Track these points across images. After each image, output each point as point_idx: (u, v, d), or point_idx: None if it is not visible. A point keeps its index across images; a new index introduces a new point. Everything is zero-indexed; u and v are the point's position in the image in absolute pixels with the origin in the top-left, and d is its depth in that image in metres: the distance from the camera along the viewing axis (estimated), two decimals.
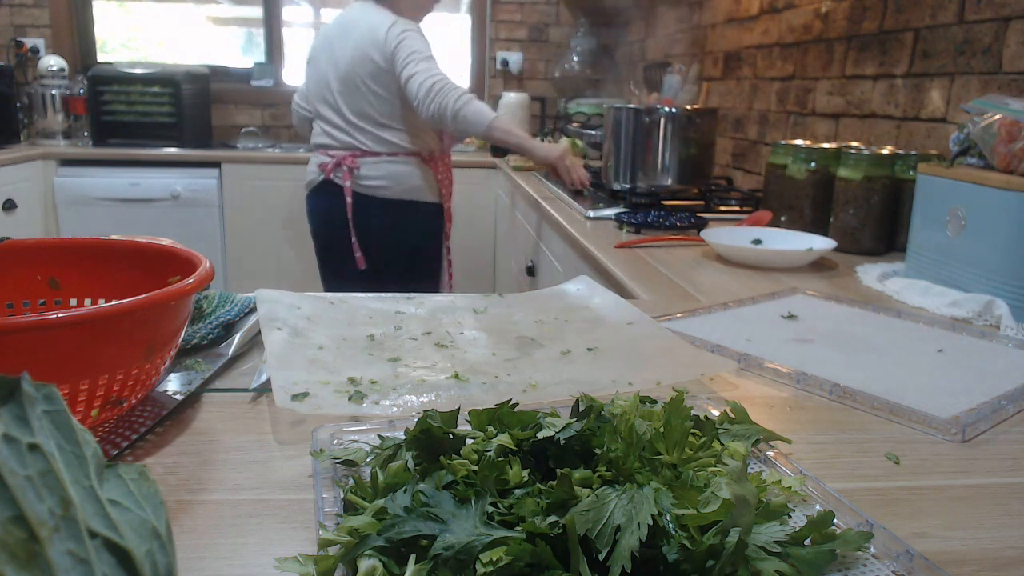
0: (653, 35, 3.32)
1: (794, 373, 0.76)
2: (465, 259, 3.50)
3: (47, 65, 3.42)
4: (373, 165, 2.19)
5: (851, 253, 1.41)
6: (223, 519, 0.49)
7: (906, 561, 0.45)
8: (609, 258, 1.35)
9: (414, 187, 2.24)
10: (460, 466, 0.46)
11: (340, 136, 2.21)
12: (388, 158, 2.20)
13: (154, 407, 0.64)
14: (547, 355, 0.77)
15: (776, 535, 0.41)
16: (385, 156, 2.20)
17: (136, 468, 0.33)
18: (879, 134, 1.69)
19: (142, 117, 3.37)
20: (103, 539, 0.29)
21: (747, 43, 2.35)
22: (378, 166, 2.20)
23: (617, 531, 0.39)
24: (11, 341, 0.50)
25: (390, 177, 2.21)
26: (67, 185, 3.21)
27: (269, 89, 3.79)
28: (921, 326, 0.95)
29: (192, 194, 3.27)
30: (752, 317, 0.97)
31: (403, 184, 2.22)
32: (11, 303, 0.70)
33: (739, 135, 2.41)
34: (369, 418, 0.61)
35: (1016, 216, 0.98)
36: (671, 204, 1.88)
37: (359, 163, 2.19)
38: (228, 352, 0.77)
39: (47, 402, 0.30)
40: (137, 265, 0.71)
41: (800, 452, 0.61)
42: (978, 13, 1.39)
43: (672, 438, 0.49)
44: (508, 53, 3.97)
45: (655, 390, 0.67)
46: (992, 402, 0.71)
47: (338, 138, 2.21)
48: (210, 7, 4.03)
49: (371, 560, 0.39)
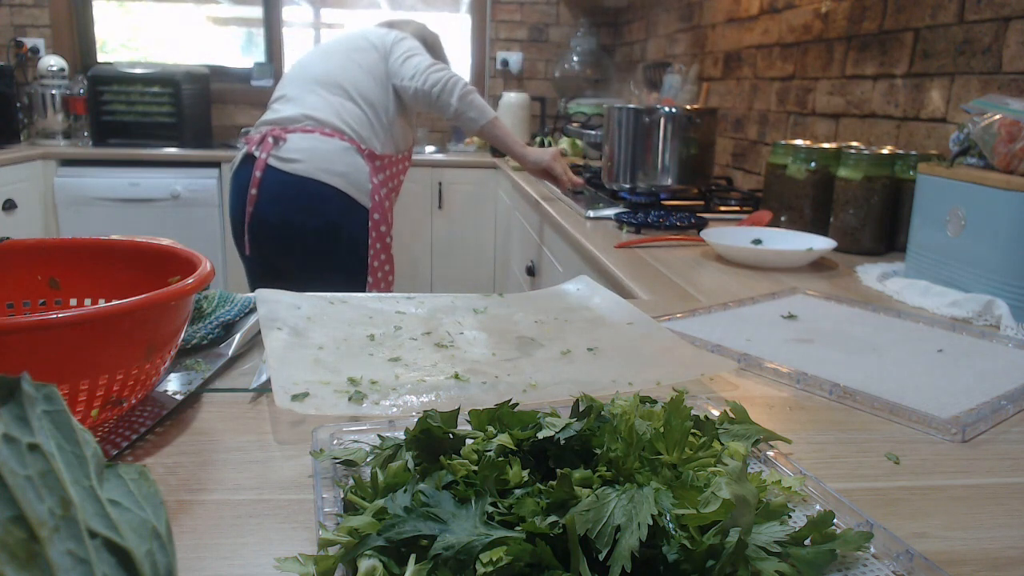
0: (653, 35, 3.32)
1: (794, 373, 0.76)
2: (465, 259, 3.51)
3: (47, 65, 3.42)
4: (301, 139, 1.89)
5: (851, 253, 1.41)
6: (223, 519, 0.49)
7: (906, 561, 0.45)
8: (609, 258, 1.35)
9: (340, 172, 1.90)
10: (460, 466, 0.46)
11: (283, 108, 1.97)
12: (322, 136, 1.90)
13: (154, 407, 0.64)
14: (547, 355, 0.77)
15: (776, 535, 0.41)
16: (319, 133, 1.90)
17: (136, 468, 0.33)
18: (879, 134, 1.69)
19: (142, 117, 3.37)
20: (103, 539, 0.29)
21: (747, 43, 2.35)
22: (305, 140, 1.89)
23: (617, 531, 0.39)
24: (11, 341, 0.50)
25: (310, 151, 1.88)
26: (67, 185, 3.21)
27: (269, 89, 3.78)
28: (921, 326, 0.95)
29: (192, 194, 3.27)
30: (752, 317, 0.97)
31: (324, 164, 1.89)
32: (11, 303, 0.70)
33: (739, 135, 2.41)
34: (369, 418, 0.61)
35: (1016, 216, 0.98)
36: (671, 204, 1.88)
37: (286, 136, 1.90)
38: (228, 352, 0.77)
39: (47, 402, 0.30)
40: (137, 265, 0.71)
41: (800, 452, 0.61)
42: (978, 13, 1.39)
43: (672, 438, 0.49)
44: (508, 53, 3.97)
45: (655, 390, 0.67)
46: (992, 402, 0.71)
47: (279, 110, 1.97)
48: (210, 7, 4.03)
49: (371, 560, 0.39)
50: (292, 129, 1.91)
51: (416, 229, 3.45)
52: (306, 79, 2.00)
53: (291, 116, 1.94)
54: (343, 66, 1.98)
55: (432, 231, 3.46)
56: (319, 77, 1.98)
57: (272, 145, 1.88)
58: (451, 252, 3.50)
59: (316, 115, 1.92)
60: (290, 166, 1.87)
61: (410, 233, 3.44)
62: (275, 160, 1.88)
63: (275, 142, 1.89)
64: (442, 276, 3.50)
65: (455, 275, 3.52)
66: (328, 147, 1.90)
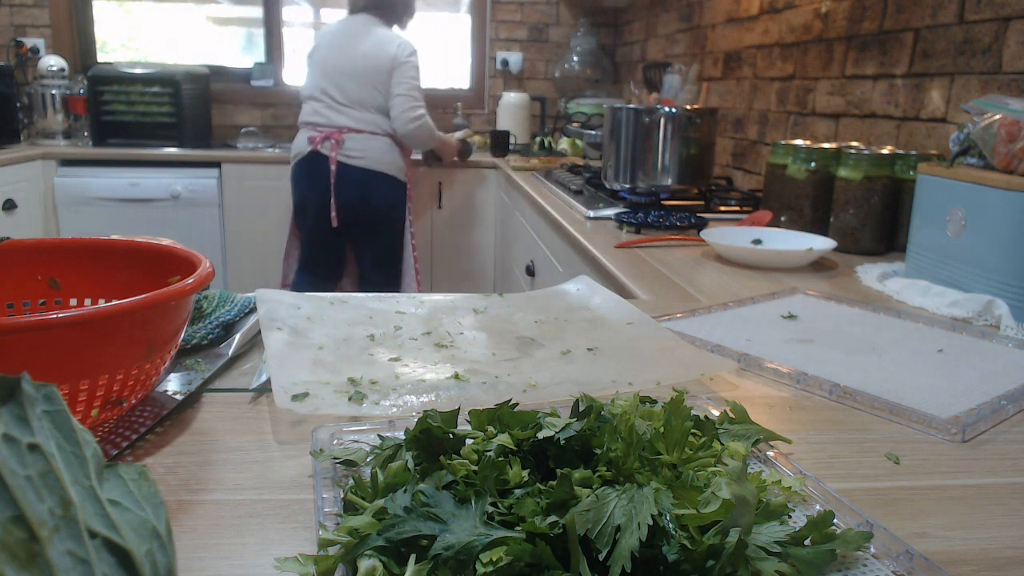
0: (653, 35, 3.32)
1: (794, 373, 0.76)
2: (465, 259, 3.50)
3: (47, 65, 3.41)
4: (356, 140, 2.68)
5: (851, 253, 1.41)
6: (223, 519, 0.49)
7: (906, 561, 0.45)
8: (609, 258, 1.35)
9: (388, 162, 2.73)
10: (460, 466, 0.46)
11: (331, 115, 2.69)
12: (368, 136, 2.70)
13: (154, 407, 0.64)
14: (547, 355, 0.77)
15: (776, 535, 0.41)
16: (366, 134, 2.69)
17: (136, 468, 0.33)
18: (879, 134, 1.69)
19: (142, 117, 3.37)
20: (103, 539, 0.29)
21: (747, 43, 2.35)
22: (360, 141, 2.69)
23: (617, 531, 0.39)
24: (11, 341, 0.50)
25: (367, 150, 2.69)
26: (67, 185, 3.21)
27: (269, 89, 3.79)
28: (921, 326, 0.95)
29: (192, 194, 3.27)
30: (752, 317, 0.97)
31: (378, 158, 2.71)
32: (11, 303, 0.70)
33: (739, 135, 2.41)
34: (369, 418, 0.61)
35: (1016, 216, 0.98)
36: (671, 204, 1.88)
37: (344, 138, 2.67)
38: (228, 352, 0.77)
39: (47, 402, 0.30)
40: (137, 265, 0.71)
41: (800, 452, 0.61)
42: (978, 13, 1.39)
43: (672, 438, 0.49)
44: (508, 53, 3.97)
45: (655, 390, 0.67)
46: (992, 402, 0.71)
47: (329, 117, 2.69)
48: (210, 7, 4.03)
49: (371, 560, 0.39)
50: (344, 131, 2.69)
51: (416, 229, 3.44)
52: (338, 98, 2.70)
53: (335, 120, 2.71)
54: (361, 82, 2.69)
55: (432, 231, 3.46)
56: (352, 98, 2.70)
57: (336, 146, 2.68)
58: (451, 252, 3.50)
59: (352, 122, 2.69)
60: (357, 162, 2.69)
61: None
62: (343, 157, 2.68)
63: (337, 144, 2.68)
64: (442, 276, 3.50)
65: (455, 275, 3.51)
66: (376, 144, 2.71)
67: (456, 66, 4.04)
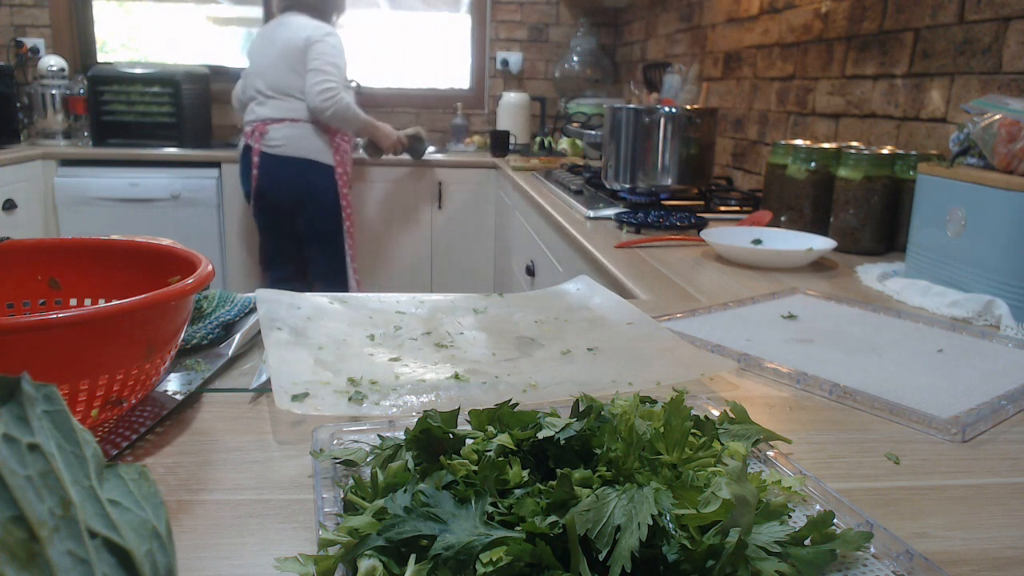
0: (653, 35, 3.32)
1: (794, 373, 0.76)
2: (465, 259, 3.50)
3: (47, 65, 3.41)
4: (277, 129, 2.77)
5: (851, 253, 1.41)
6: (223, 519, 0.49)
7: (906, 561, 0.45)
8: (609, 258, 1.35)
9: (308, 147, 2.79)
10: (460, 466, 0.46)
11: (259, 110, 2.80)
12: (290, 123, 2.77)
13: (154, 407, 0.64)
14: (547, 355, 0.77)
15: (776, 535, 0.41)
16: (287, 121, 2.77)
17: (136, 468, 0.33)
18: (879, 134, 1.69)
19: (142, 117, 3.37)
20: (103, 539, 0.29)
21: (747, 43, 2.35)
22: (280, 130, 2.77)
23: (617, 531, 0.39)
24: (11, 341, 0.50)
25: (287, 138, 2.77)
26: (67, 185, 3.21)
27: None
28: (921, 326, 0.95)
29: (192, 194, 3.27)
30: (752, 317, 0.97)
31: (297, 144, 2.77)
32: (11, 303, 0.70)
33: (739, 135, 2.41)
34: (369, 418, 0.61)
35: (1016, 216, 0.98)
36: (671, 204, 1.88)
37: (268, 128, 2.77)
38: (228, 352, 0.77)
39: (47, 402, 0.30)
40: (137, 265, 0.71)
41: (800, 452, 0.61)
42: (978, 13, 1.39)
43: (672, 438, 0.49)
44: (508, 53, 3.97)
45: (655, 390, 0.67)
46: (992, 402, 0.71)
47: (257, 112, 2.80)
48: (210, 7, 4.03)
49: (371, 560, 0.39)
50: (268, 122, 2.78)
51: (416, 229, 3.45)
52: (265, 91, 2.79)
53: (261, 114, 2.80)
54: (284, 74, 2.77)
55: (432, 231, 3.46)
56: (275, 87, 2.78)
57: (260, 137, 2.77)
58: (451, 252, 3.50)
59: (280, 116, 2.77)
60: (278, 151, 2.78)
61: (410, 233, 3.44)
62: (266, 148, 2.78)
63: (260, 135, 2.77)
64: (442, 276, 3.50)
65: (455, 275, 3.52)
66: (296, 132, 2.77)
67: (456, 66, 4.04)
